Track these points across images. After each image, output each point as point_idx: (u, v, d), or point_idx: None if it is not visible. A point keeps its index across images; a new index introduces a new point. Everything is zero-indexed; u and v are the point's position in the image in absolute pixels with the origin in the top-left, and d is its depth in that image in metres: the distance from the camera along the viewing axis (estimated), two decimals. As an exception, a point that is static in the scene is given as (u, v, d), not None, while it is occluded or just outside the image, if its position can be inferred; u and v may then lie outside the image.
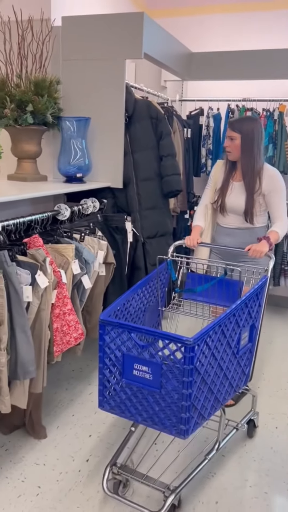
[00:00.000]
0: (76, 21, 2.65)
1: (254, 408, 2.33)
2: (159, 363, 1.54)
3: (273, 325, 3.76)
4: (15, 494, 1.89)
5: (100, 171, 2.80)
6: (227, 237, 2.49)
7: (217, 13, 3.93)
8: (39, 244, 1.96)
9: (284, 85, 3.75)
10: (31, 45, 2.56)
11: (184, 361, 1.51)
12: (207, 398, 1.69)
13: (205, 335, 1.57)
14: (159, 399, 1.60)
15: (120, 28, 2.57)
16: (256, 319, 1.96)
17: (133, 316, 1.99)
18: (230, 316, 1.72)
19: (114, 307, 1.81)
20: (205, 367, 1.61)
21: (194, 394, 1.57)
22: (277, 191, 2.35)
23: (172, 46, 3.12)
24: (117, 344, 1.61)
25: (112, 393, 1.70)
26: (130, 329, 1.57)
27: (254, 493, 1.94)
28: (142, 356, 1.56)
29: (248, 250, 2.22)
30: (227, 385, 1.84)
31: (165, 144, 2.87)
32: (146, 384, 1.58)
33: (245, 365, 1.98)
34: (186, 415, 1.56)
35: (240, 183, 2.41)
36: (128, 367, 1.60)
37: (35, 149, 2.57)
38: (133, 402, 1.67)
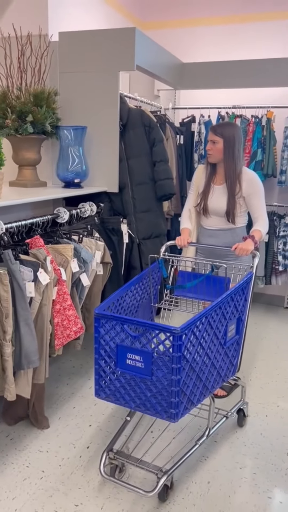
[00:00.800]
0: (72, 36, 2.81)
1: (243, 398, 2.46)
2: (150, 352, 1.66)
3: (265, 323, 3.91)
4: (21, 478, 2.02)
5: (96, 177, 2.96)
6: (210, 238, 2.61)
7: (208, 25, 4.11)
8: (40, 244, 2.11)
9: (272, 92, 3.93)
10: (30, 59, 2.72)
11: (173, 349, 1.63)
12: (196, 385, 1.81)
13: (192, 325, 1.69)
14: (151, 386, 1.73)
15: (113, 42, 2.73)
16: (242, 313, 2.08)
17: (126, 312, 2.12)
18: (216, 308, 1.85)
19: (108, 302, 1.94)
20: (192, 355, 1.72)
21: (183, 380, 1.69)
22: (257, 193, 2.49)
23: (163, 58, 3.29)
24: (111, 335, 1.73)
25: (107, 382, 1.81)
26: (123, 321, 1.70)
27: (244, 474, 2.07)
28: (134, 346, 1.68)
29: (235, 249, 2.35)
30: (215, 374, 1.96)
31: (157, 150, 3.03)
32: (138, 372, 1.70)
33: (233, 356, 2.10)
34: (175, 399, 1.69)
35: (220, 186, 2.53)
36: (121, 356, 1.72)
37: (35, 157, 2.72)
38: (127, 390, 1.79)
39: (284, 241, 3.90)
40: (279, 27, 3.91)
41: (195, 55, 4.12)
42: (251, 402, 2.66)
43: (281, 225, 3.89)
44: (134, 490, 1.87)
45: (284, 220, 3.90)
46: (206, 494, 1.95)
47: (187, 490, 1.97)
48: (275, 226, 3.89)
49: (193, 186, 2.67)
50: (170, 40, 4.16)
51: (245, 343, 3.46)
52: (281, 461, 2.16)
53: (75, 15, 3.15)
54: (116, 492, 1.95)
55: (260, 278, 3.99)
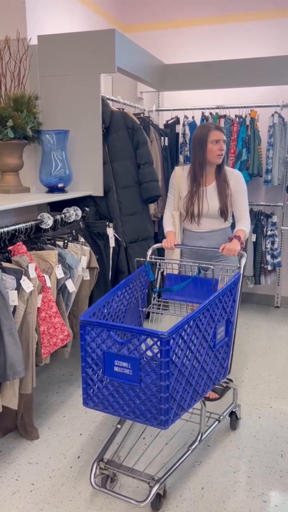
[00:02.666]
0: (52, 40, 2.78)
1: (235, 401, 2.42)
2: (137, 358, 1.62)
3: (256, 322, 3.89)
4: (10, 492, 1.96)
5: (81, 181, 2.92)
6: (200, 241, 2.56)
7: (189, 27, 4.11)
8: (23, 251, 2.06)
9: (254, 92, 3.93)
10: (9, 63, 2.68)
11: (160, 354, 1.59)
12: (186, 390, 1.77)
13: (179, 329, 1.65)
14: (140, 393, 1.69)
15: (93, 44, 2.70)
16: (231, 314, 2.06)
17: (113, 317, 2.08)
18: (204, 311, 1.81)
19: (94, 309, 1.89)
20: (181, 359, 1.68)
21: (172, 385, 1.65)
22: (241, 191, 2.49)
23: (145, 59, 3.27)
24: (98, 342, 1.69)
25: (95, 390, 1.77)
26: (109, 327, 1.66)
27: (238, 478, 2.04)
28: (121, 352, 1.65)
29: (223, 250, 2.33)
30: (206, 378, 1.92)
31: (141, 152, 3.00)
32: (126, 379, 1.66)
33: (223, 358, 2.06)
34: (165, 406, 1.65)
35: (208, 187, 2.50)
36: (109, 364, 1.68)
37: (16, 162, 2.68)
38: (115, 398, 1.74)
39: (272, 240, 3.89)
40: (262, 27, 3.91)
41: (177, 57, 4.11)
42: (243, 404, 2.63)
43: (268, 224, 3.89)
44: (126, 501, 1.82)
45: (271, 219, 3.89)
46: (200, 500, 1.91)
47: (180, 497, 1.93)
48: (263, 226, 3.89)
49: (173, 190, 2.60)
50: (151, 42, 4.15)
51: (236, 344, 3.44)
52: (275, 463, 2.13)
53: (54, 18, 3.11)
54: (108, 502, 1.91)
55: (250, 278, 3.98)
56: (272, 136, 3.74)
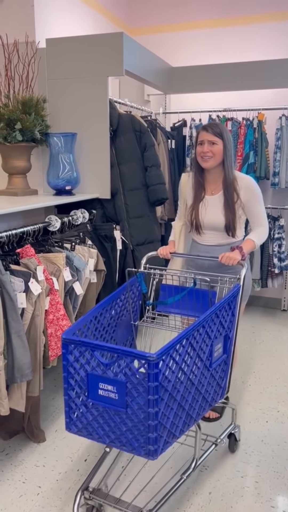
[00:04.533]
0: (60, 43, 2.79)
1: (234, 422, 2.26)
2: (123, 382, 1.47)
3: (262, 326, 3.87)
4: (17, 495, 1.96)
5: (88, 183, 2.92)
6: (207, 254, 2.30)
7: (196, 29, 4.11)
8: (31, 253, 2.06)
9: (262, 94, 3.92)
10: (17, 66, 2.69)
11: (148, 378, 1.43)
12: (178, 415, 1.62)
13: (170, 349, 1.50)
14: (126, 419, 1.52)
15: (101, 47, 2.71)
16: (230, 329, 1.89)
17: (102, 333, 1.92)
18: (199, 327, 1.65)
19: (79, 325, 1.74)
20: (172, 382, 1.53)
21: (162, 412, 1.50)
22: (255, 198, 2.23)
23: (152, 62, 3.27)
24: (81, 363, 1.54)
25: (78, 414, 1.61)
26: (93, 347, 1.50)
27: (246, 483, 2.03)
28: (106, 375, 1.49)
29: (222, 258, 2.12)
30: (201, 400, 1.76)
31: (149, 155, 3.00)
32: (112, 404, 1.52)
33: (220, 377, 1.90)
34: (153, 434, 1.49)
35: (215, 196, 2.26)
36: (93, 386, 1.54)
37: (24, 165, 2.69)
38: (100, 423, 1.58)
39: (279, 243, 3.87)
40: (268, 29, 3.91)
41: (184, 59, 4.11)
42: (250, 408, 2.61)
43: (275, 227, 3.87)
44: None
45: (278, 222, 3.87)
46: (207, 505, 1.90)
47: (188, 502, 1.92)
48: (270, 229, 3.87)
49: (181, 198, 2.41)
50: (158, 44, 4.15)
51: (243, 347, 3.42)
52: (283, 468, 2.12)
53: (62, 21, 3.13)
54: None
55: (256, 281, 3.96)
56: (280, 139, 3.72)
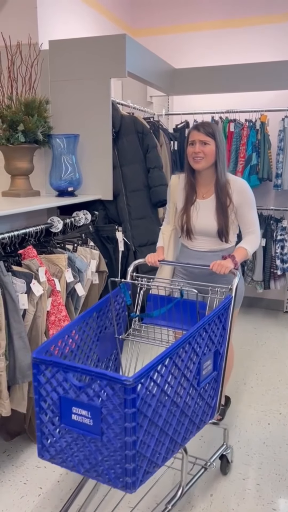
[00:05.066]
0: (63, 44, 2.80)
1: (226, 442, 2.12)
2: (98, 407, 1.33)
3: (265, 328, 3.86)
4: (18, 496, 1.96)
5: (90, 185, 2.92)
6: (199, 261, 2.19)
7: (198, 31, 4.11)
8: (33, 254, 2.07)
9: (264, 96, 3.92)
10: (20, 68, 2.70)
11: (125, 404, 1.29)
12: (160, 441, 1.48)
13: (150, 371, 1.36)
14: (101, 448, 1.38)
15: (104, 49, 2.72)
16: (221, 344, 1.76)
17: (81, 349, 1.75)
18: (184, 344, 1.52)
19: (54, 341, 1.59)
20: (153, 407, 1.39)
21: (141, 440, 1.36)
22: (247, 203, 2.11)
23: (155, 64, 3.28)
24: (53, 385, 1.40)
25: (51, 440, 1.48)
26: (65, 368, 1.36)
27: (247, 485, 2.02)
28: (80, 398, 1.36)
29: (213, 267, 1.99)
30: (187, 423, 1.62)
31: (151, 156, 3.01)
32: (86, 430, 1.38)
33: (210, 396, 1.76)
34: (131, 465, 1.34)
35: (206, 199, 2.14)
36: (66, 411, 1.40)
37: (27, 166, 2.69)
38: (74, 451, 1.45)
39: (282, 245, 3.86)
40: (270, 30, 3.91)
41: (187, 61, 4.11)
42: (252, 410, 2.61)
43: (278, 229, 3.86)
44: None
45: (281, 224, 3.87)
46: (209, 507, 1.90)
47: (189, 504, 1.91)
48: (272, 230, 3.87)
49: (169, 202, 2.28)
50: (160, 46, 4.15)
51: (245, 349, 3.42)
52: (285, 471, 2.11)
53: (65, 23, 3.13)
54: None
55: (259, 282, 3.95)
56: (282, 140, 3.72)
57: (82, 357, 1.75)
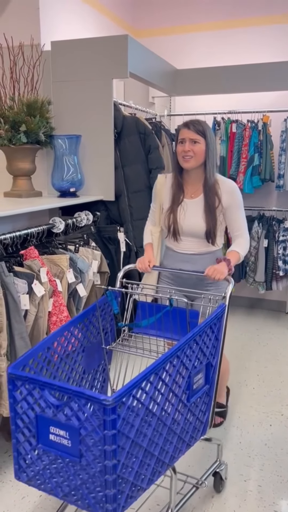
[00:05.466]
0: (65, 45, 2.80)
1: (220, 458, 2.01)
2: (76, 427, 1.23)
3: (266, 329, 3.85)
4: (19, 496, 1.96)
5: (92, 185, 2.93)
6: (185, 264, 2.11)
7: (201, 31, 4.11)
8: (35, 255, 2.07)
9: (267, 96, 3.91)
10: (22, 69, 2.70)
11: (104, 426, 1.19)
12: (145, 463, 1.37)
13: (132, 389, 1.25)
14: (80, 471, 1.28)
15: (106, 50, 2.72)
16: (213, 356, 1.67)
17: (65, 361, 1.66)
18: (173, 358, 1.42)
19: (32, 354, 1.49)
20: (137, 427, 1.29)
21: (123, 463, 1.27)
22: (236, 205, 2.05)
23: (157, 64, 3.28)
24: (30, 402, 1.31)
25: (28, 461, 1.38)
26: (42, 384, 1.27)
27: (249, 487, 2.02)
28: (57, 417, 1.26)
29: (208, 272, 1.89)
30: (176, 441, 1.52)
31: (153, 157, 3.01)
32: (64, 452, 1.28)
33: (201, 411, 1.66)
34: (111, 491, 1.24)
35: (194, 199, 2.08)
36: (43, 430, 1.30)
37: (29, 167, 2.69)
38: (52, 473, 1.34)
39: (284, 245, 3.86)
40: (273, 31, 3.90)
41: (189, 62, 4.11)
42: (254, 411, 2.60)
43: (280, 229, 3.86)
44: None
45: (283, 225, 3.86)
46: (210, 509, 1.89)
47: (190, 506, 1.91)
48: (275, 231, 3.86)
49: (155, 202, 2.20)
50: (163, 47, 4.15)
51: (247, 350, 3.41)
52: (287, 472, 2.10)
53: (67, 24, 3.14)
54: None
55: (261, 283, 3.95)
56: (285, 141, 3.71)
57: (66, 370, 1.65)
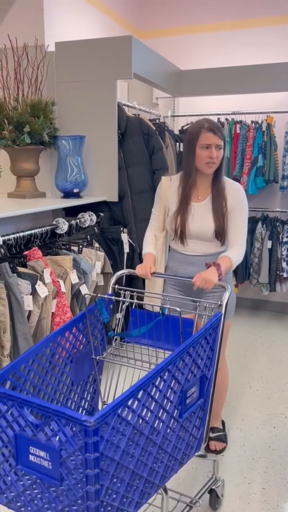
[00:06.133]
0: (69, 46, 2.80)
1: (215, 475, 1.92)
2: (56, 449, 1.13)
3: (270, 330, 3.84)
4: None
5: (96, 186, 2.92)
6: (191, 266, 2.05)
7: (205, 32, 4.11)
8: (38, 256, 2.07)
9: (271, 97, 3.90)
10: (26, 70, 2.71)
11: (85, 448, 1.08)
12: (132, 486, 1.27)
13: (117, 408, 1.15)
14: (61, 495, 1.18)
15: (110, 51, 2.72)
16: (209, 368, 1.59)
17: (51, 373, 1.56)
18: (163, 373, 1.32)
19: (14, 367, 1.40)
20: (123, 448, 1.18)
21: (107, 487, 1.17)
22: (241, 209, 2.00)
23: (161, 65, 3.28)
24: (8, 420, 1.21)
25: (7, 482, 1.27)
26: (20, 402, 1.17)
27: (253, 490, 2.00)
28: (36, 438, 1.17)
29: (196, 281, 1.80)
30: (168, 460, 1.42)
31: (157, 158, 3.00)
32: (45, 474, 1.18)
33: (195, 427, 1.57)
34: None
35: (201, 203, 2.03)
36: (22, 450, 1.21)
37: (33, 168, 2.70)
38: (32, 496, 1.24)
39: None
40: (277, 32, 3.89)
41: (193, 62, 4.11)
42: (257, 413, 2.59)
43: (284, 231, 3.84)
44: None
45: (287, 226, 3.85)
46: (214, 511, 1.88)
47: (193, 509, 1.90)
48: (278, 232, 3.85)
49: (159, 204, 2.13)
50: (166, 47, 4.15)
51: (251, 352, 3.40)
52: (290, 475, 2.09)
53: (71, 25, 3.14)
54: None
55: (265, 285, 3.93)
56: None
57: (52, 382, 1.57)
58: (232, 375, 3.01)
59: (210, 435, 2.26)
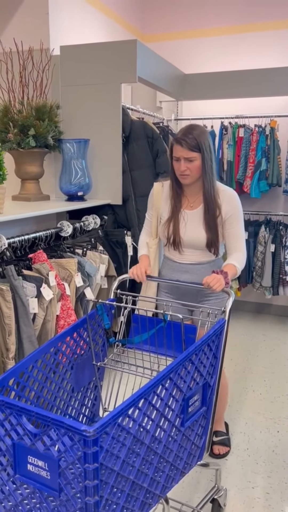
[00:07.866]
0: (74, 50, 2.81)
1: (218, 484, 1.87)
2: (55, 459, 1.11)
3: (273, 334, 3.84)
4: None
5: (100, 189, 2.93)
6: (185, 274, 2.02)
7: (209, 36, 4.12)
8: (43, 259, 2.07)
9: (274, 101, 3.91)
10: (31, 73, 2.72)
11: (84, 459, 1.06)
12: (133, 496, 1.25)
13: (117, 417, 1.12)
14: (60, 507, 1.15)
15: (115, 54, 2.73)
16: (211, 375, 1.55)
17: (51, 379, 1.56)
18: (165, 381, 1.30)
19: (13, 374, 1.38)
20: (123, 458, 1.17)
21: (106, 498, 1.15)
22: (236, 216, 1.95)
23: (165, 69, 3.29)
24: (7, 428, 1.19)
25: (5, 492, 1.25)
26: (18, 410, 1.15)
27: (257, 494, 2.00)
28: (35, 447, 1.14)
29: (206, 282, 1.75)
30: (169, 470, 1.40)
31: (161, 161, 3.01)
32: (43, 484, 1.16)
33: (197, 436, 1.54)
34: None
35: (194, 211, 1.98)
36: (20, 459, 1.19)
37: (37, 170, 2.70)
38: (30, 507, 1.22)
39: (291, 250, 3.84)
40: (281, 36, 3.90)
41: (197, 66, 4.12)
42: (261, 417, 2.58)
43: (287, 234, 3.84)
44: None
45: (290, 230, 3.85)
46: (218, 516, 1.88)
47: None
48: (282, 236, 3.85)
49: (151, 211, 2.09)
50: (170, 51, 4.16)
51: (254, 355, 3.39)
52: (295, 480, 2.09)
53: (76, 28, 3.16)
54: None
55: (268, 288, 3.93)
56: (292, 146, 3.71)
57: (52, 389, 1.55)
58: (235, 379, 3.01)
59: (213, 439, 2.26)
